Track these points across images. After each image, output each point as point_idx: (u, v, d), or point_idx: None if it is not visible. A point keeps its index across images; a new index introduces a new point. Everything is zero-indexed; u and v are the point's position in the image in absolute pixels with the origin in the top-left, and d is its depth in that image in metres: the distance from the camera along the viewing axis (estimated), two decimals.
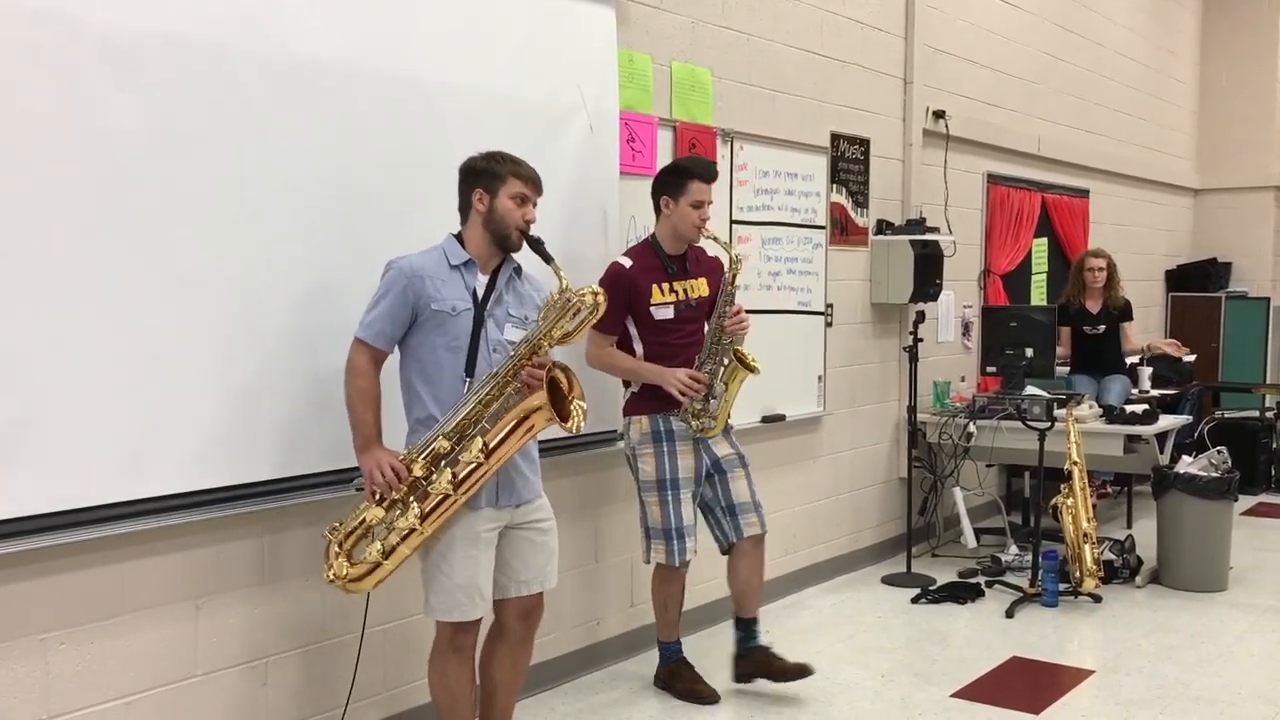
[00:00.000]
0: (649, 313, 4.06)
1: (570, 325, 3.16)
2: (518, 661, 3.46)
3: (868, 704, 4.24)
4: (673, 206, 4.09)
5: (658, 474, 4.08)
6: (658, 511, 4.09)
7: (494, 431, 3.10)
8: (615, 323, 4.02)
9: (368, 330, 3.16)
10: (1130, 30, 9.34)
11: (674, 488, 4.08)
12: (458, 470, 3.07)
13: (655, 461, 4.09)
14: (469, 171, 3.30)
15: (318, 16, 3.38)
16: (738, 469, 4.21)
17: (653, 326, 4.08)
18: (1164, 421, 6.15)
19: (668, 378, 4.00)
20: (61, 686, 2.93)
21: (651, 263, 4.10)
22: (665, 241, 4.14)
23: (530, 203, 3.29)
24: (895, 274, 6.11)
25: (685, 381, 3.99)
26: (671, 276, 4.11)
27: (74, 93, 2.84)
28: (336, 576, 3.11)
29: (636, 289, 4.04)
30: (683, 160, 4.26)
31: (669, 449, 4.09)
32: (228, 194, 3.18)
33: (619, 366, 4.11)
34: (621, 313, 4.02)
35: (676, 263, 4.14)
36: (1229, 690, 4.38)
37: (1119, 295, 7.17)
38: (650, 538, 4.14)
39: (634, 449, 4.14)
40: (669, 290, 4.10)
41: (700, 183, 4.07)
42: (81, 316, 2.87)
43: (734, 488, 4.19)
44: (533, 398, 3.11)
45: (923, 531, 6.43)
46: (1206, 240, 10.77)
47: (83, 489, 2.90)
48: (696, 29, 4.91)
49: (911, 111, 6.39)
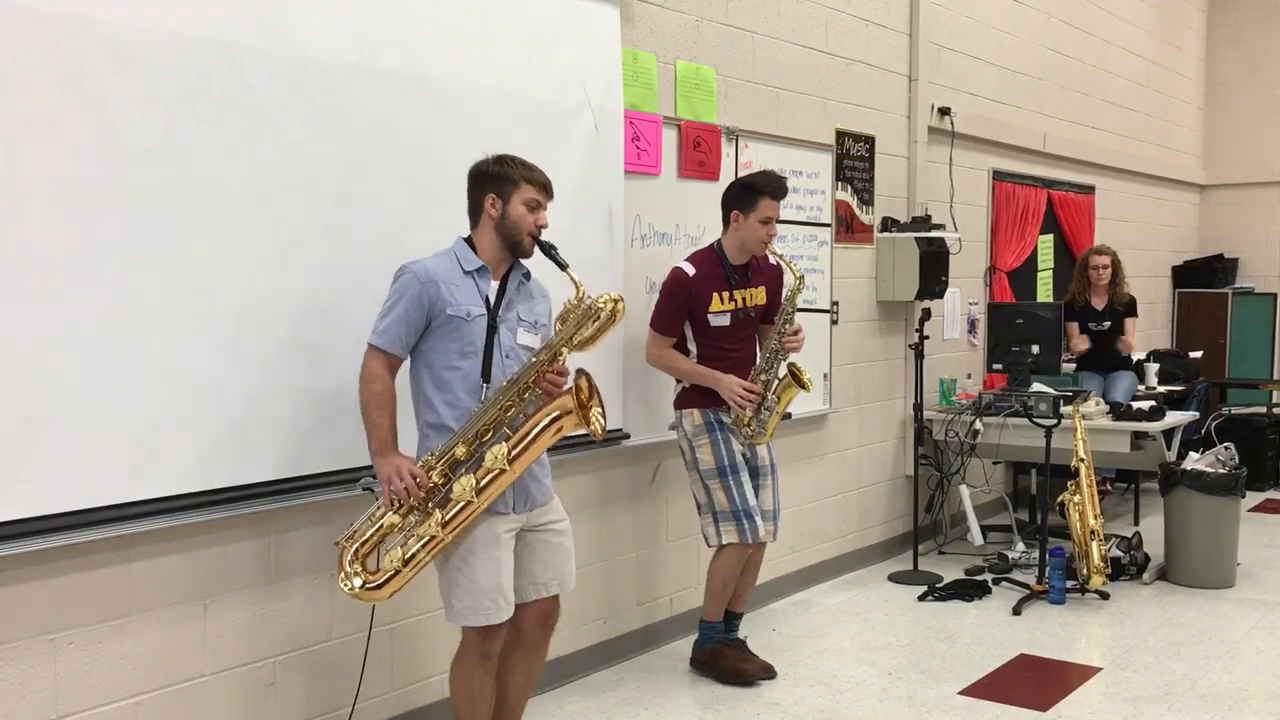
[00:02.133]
0: (706, 319, 4.23)
1: (588, 332, 3.15)
2: (533, 666, 3.45)
3: (875, 701, 4.24)
4: (742, 221, 4.24)
5: (717, 461, 4.23)
6: (723, 496, 4.23)
7: (516, 437, 3.08)
8: (675, 325, 4.25)
9: (382, 337, 3.14)
10: (1136, 26, 9.32)
11: (735, 472, 4.24)
12: (480, 476, 3.05)
13: (713, 450, 4.23)
14: (481, 175, 3.26)
15: (325, 16, 3.39)
16: (767, 478, 4.39)
17: (708, 332, 4.25)
18: (1171, 418, 6.14)
19: (724, 386, 4.18)
20: (70, 686, 2.94)
21: (715, 271, 4.26)
22: (730, 251, 4.30)
23: (542, 208, 3.26)
24: (901, 271, 6.10)
25: (740, 393, 4.16)
26: (733, 286, 4.27)
27: (81, 93, 2.85)
28: (354, 587, 3.07)
29: (697, 296, 4.21)
30: (756, 177, 4.38)
31: (723, 437, 4.25)
32: (235, 195, 3.18)
33: (679, 369, 4.29)
34: (682, 317, 4.24)
35: (739, 272, 4.30)
36: (1236, 687, 4.37)
37: (1124, 292, 7.15)
38: (719, 521, 4.25)
39: (690, 440, 4.29)
40: (728, 299, 4.26)
41: (771, 200, 4.23)
42: (88, 318, 2.88)
43: (762, 496, 4.36)
44: (561, 400, 3.10)
45: (929, 529, 6.43)
46: (1213, 236, 10.74)
47: (91, 490, 2.90)
48: (701, 27, 4.91)
49: (917, 108, 6.39)
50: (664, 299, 4.29)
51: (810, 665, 4.61)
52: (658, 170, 4.64)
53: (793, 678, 4.45)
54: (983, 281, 7.27)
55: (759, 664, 4.42)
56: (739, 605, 4.50)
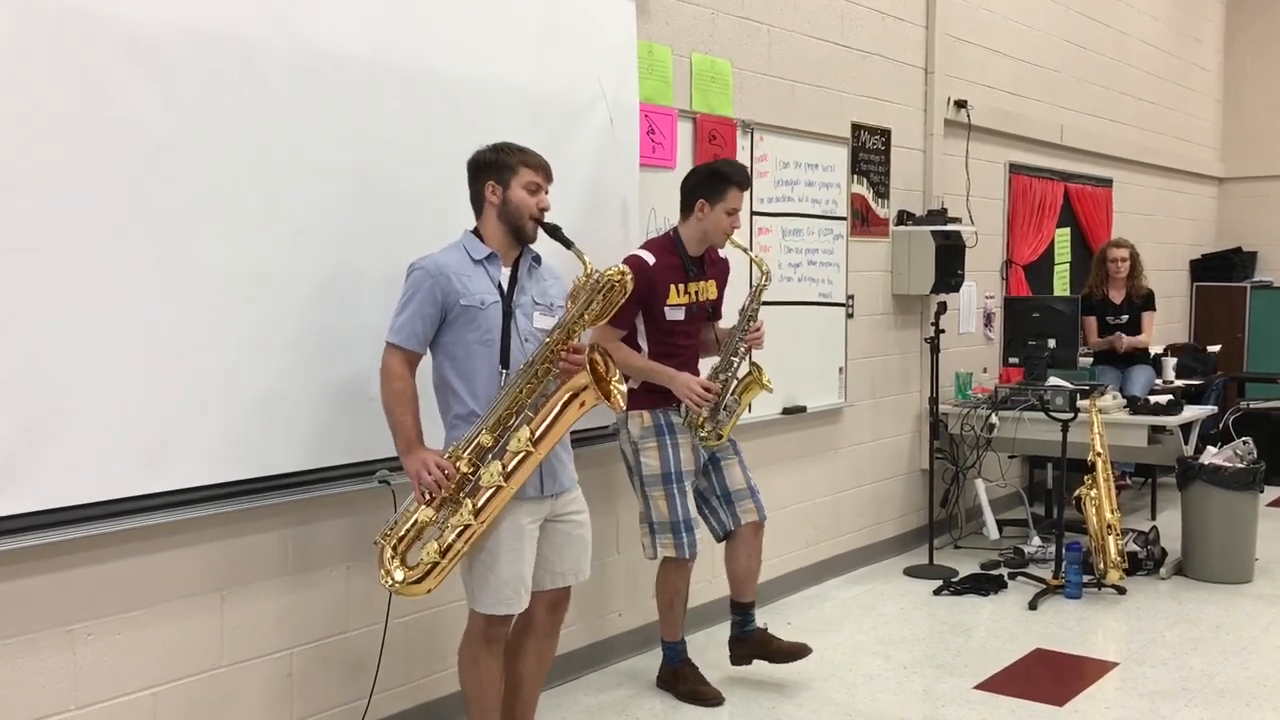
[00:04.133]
0: (662, 313, 3.99)
1: (600, 305, 3.18)
2: (544, 654, 3.47)
3: (890, 695, 4.24)
4: (708, 210, 4.02)
5: (663, 467, 4.01)
6: (664, 505, 4.02)
7: (539, 419, 3.10)
8: (627, 318, 3.91)
9: (399, 334, 3.16)
10: (1154, 18, 9.27)
11: (679, 480, 4.03)
12: (506, 461, 3.07)
13: (660, 455, 4.02)
14: (479, 165, 3.29)
15: (339, 10, 3.39)
16: (731, 456, 4.19)
17: (662, 326, 4.01)
18: (1188, 412, 6.11)
19: (679, 385, 3.95)
20: (89, 677, 2.96)
21: (673, 261, 4.03)
22: (689, 242, 4.07)
23: (543, 190, 3.28)
24: (916, 265, 6.09)
25: (699, 391, 3.94)
26: (689, 278, 4.06)
27: (97, 89, 2.86)
28: (395, 582, 3.09)
29: (655, 287, 3.95)
30: (722, 164, 4.18)
31: (671, 442, 4.03)
32: (251, 188, 3.19)
33: (630, 365, 3.96)
34: (635, 308, 3.90)
35: (696, 264, 4.09)
36: (1254, 682, 4.35)
37: (1142, 285, 7.12)
38: (655, 533, 4.06)
39: (635, 444, 4.05)
40: (684, 291, 4.04)
41: (738, 190, 4.04)
42: (106, 311, 2.89)
43: (729, 475, 4.17)
44: (577, 378, 3.11)
45: (945, 523, 6.41)
46: (1231, 229, 10.68)
47: (109, 482, 2.92)
48: (716, 20, 4.90)
49: (933, 101, 6.36)
50: None
51: (825, 659, 4.60)
52: (673, 163, 4.63)
53: (807, 671, 4.44)
54: (999, 275, 7.24)
55: (789, 644, 4.27)
56: (747, 595, 4.33)
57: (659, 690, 4.29)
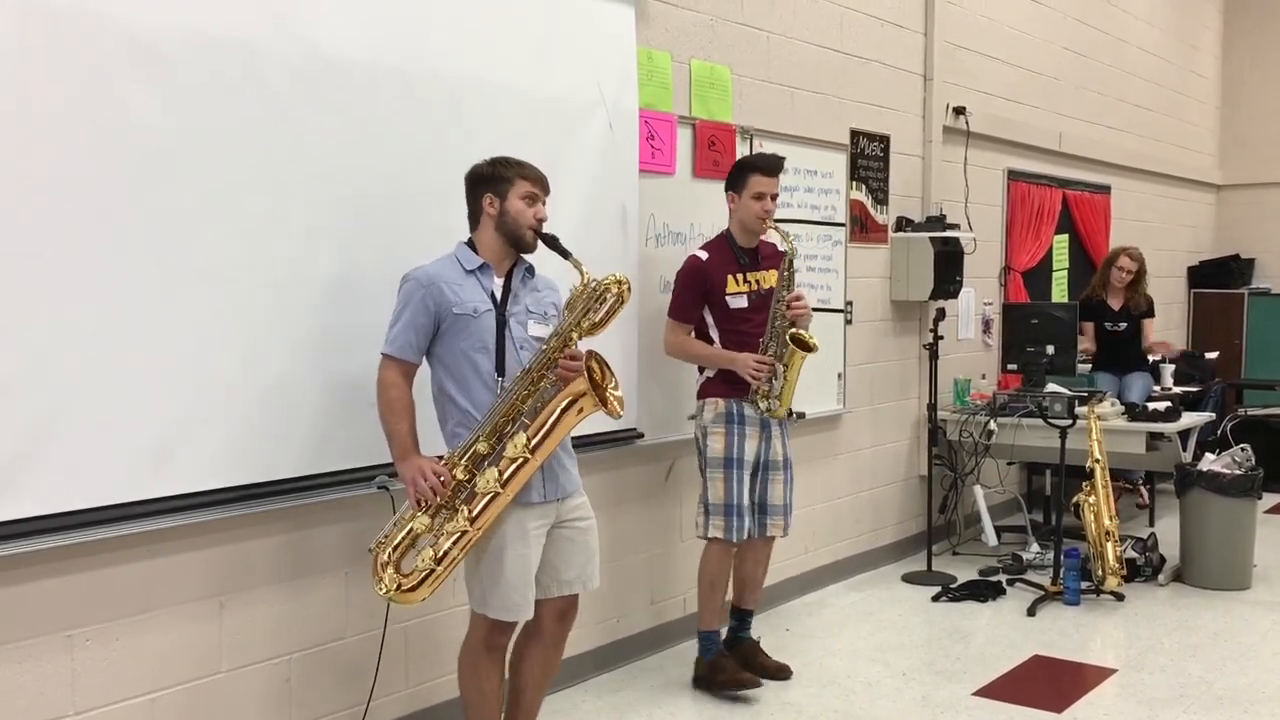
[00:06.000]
0: (725, 302, 4.25)
1: (598, 315, 3.19)
2: (550, 662, 3.46)
3: (889, 702, 4.23)
4: (737, 200, 4.29)
5: (726, 452, 4.23)
6: (721, 487, 4.22)
7: (535, 425, 3.10)
8: (693, 312, 4.27)
9: (393, 345, 3.17)
10: (1152, 25, 9.28)
11: (739, 467, 4.23)
12: (503, 467, 3.07)
13: (725, 440, 4.23)
14: (476, 178, 3.31)
15: (342, 15, 3.40)
16: (780, 472, 4.37)
17: (728, 315, 4.25)
18: (1187, 419, 6.12)
19: (740, 363, 4.19)
20: (87, 682, 2.95)
21: (725, 255, 4.28)
22: (737, 234, 4.33)
23: (540, 201, 3.30)
24: (915, 271, 6.09)
25: (754, 366, 4.16)
26: (744, 267, 4.29)
27: (100, 91, 2.86)
28: (389, 589, 3.08)
29: (712, 280, 4.23)
30: (747, 156, 4.46)
31: (739, 430, 4.24)
32: (253, 192, 3.19)
33: (696, 354, 4.32)
34: (699, 303, 4.26)
35: (749, 255, 4.32)
36: (1252, 689, 4.35)
37: (1142, 296, 7.11)
38: (709, 513, 4.24)
39: (705, 428, 4.28)
40: (742, 280, 4.28)
41: (761, 175, 4.25)
42: (107, 315, 2.89)
43: (772, 490, 4.36)
44: (574, 385, 3.12)
45: (943, 529, 6.41)
46: (1229, 236, 10.69)
47: (109, 486, 2.92)
48: (716, 26, 4.91)
49: (931, 108, 6.37)
50: (680, 286, 4.32)
51: (824, 665, 4.60)
52: (672, 169, 4.64)
53: (806, 678, 4.45)
54: (997, 281, 7.24)
55: (773, 663, 4.41)
56: (748, 602, 4.48)
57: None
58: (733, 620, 4.48)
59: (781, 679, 4.39)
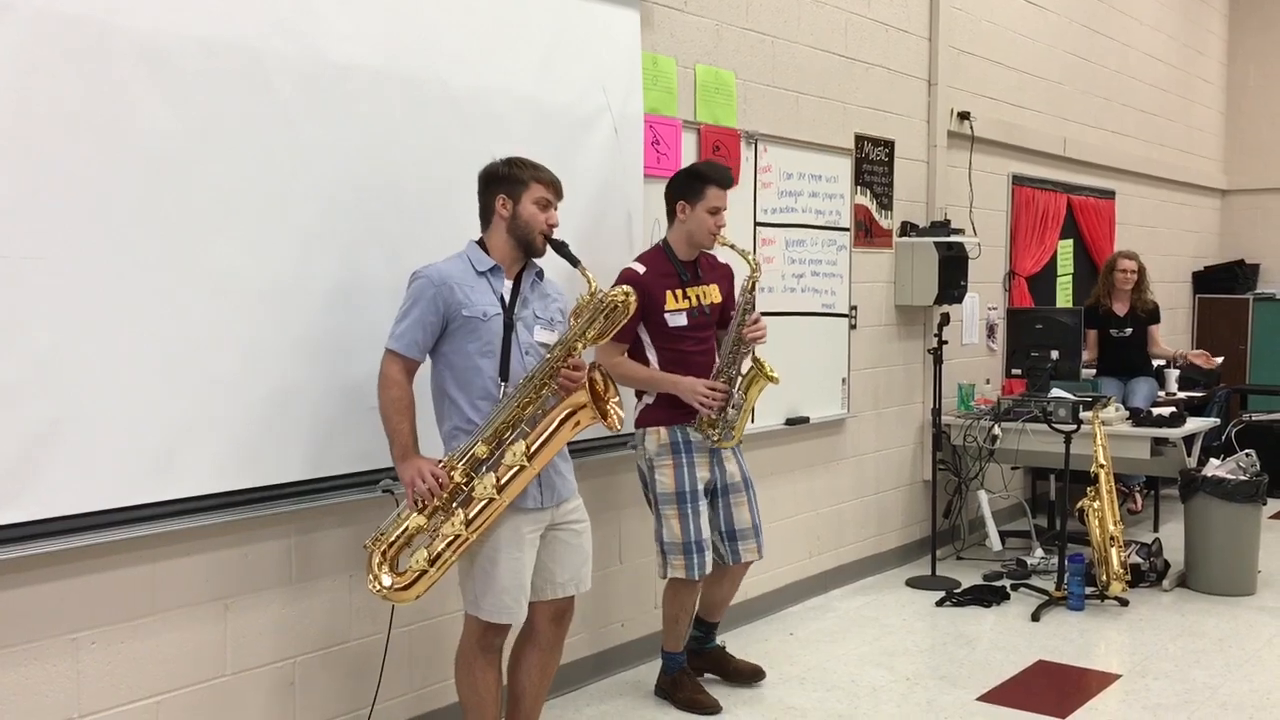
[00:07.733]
0: (663, 320, 3.96)
1: (603, 325, 3.19)
2: (548, 665, 3.46)
3: (893, 707, 4.23)
4: (689, 212, 4.01)
5: (677, 486, 3.98)
6: (677, 524, 3.98)
7: (535, 434, 3.11)
8: (628, 331, 3.82)
9: (399, 341, 3.17)
10: (1157, 30, 9.28)
11: (693, 500, 3.99)
12: (500, 474, 3.08)
13: (674, 473, 3.99)
14: (490, 178, 3.31)
15: (348, 20, 3.41)
16: (742, 494, 4.14)
17: (666, 334, 3.98)
18: (1191, 424, 6.11)
19: (685, 389, 3.92)
20: (92, 685, 2.96)
21: (665, 269, 4.01)
22: (678, 247, 4.07)
23: (553, 206, 3.30)
24: (920, 276, 6.09)
25: (704, 392, 3.90)
26: (685, 283, 4.03)
27: (107, 97, 2.87)
28: (382, 587, 3.08)
29: (650, 296, 3.92)
30: (700, 165, 4.21)
31: (688, 460, 4.00)
32: (259, 196, 3.20)
33: (634, 376, 3.97)
34: (635, 320, 3.82)
35: (689, 269, 4.06)
36: (1257, 695, 4.35)
37: (1148, 298, 7.13)
38: (667, 553, 4.02)
39: (650, 460, 4.03)
40: (682, 296, 4.01)
41: (718, 189, 4.01)
42: (112, 319, 2.90)
43: (737, 515, 4.13)
44: (575, 396, 3.13)
45: (947, 534, 6.41)
46: (1234, 242, 10.68)
47: (114, 490, 2.93)
48: (720, 31, 4.92)
49: (936, 113, 6.38)
50: None
51: (828, 670, 4.60)
52: None
53: (810, 682, 4.45)
54: (1002, 286, 7.24)
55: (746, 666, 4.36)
56: (715, 616, 4.38)
57: (659, 700, 4.28)
58: (698, 631, 4.36)
59: (758, 680, 4.35)
